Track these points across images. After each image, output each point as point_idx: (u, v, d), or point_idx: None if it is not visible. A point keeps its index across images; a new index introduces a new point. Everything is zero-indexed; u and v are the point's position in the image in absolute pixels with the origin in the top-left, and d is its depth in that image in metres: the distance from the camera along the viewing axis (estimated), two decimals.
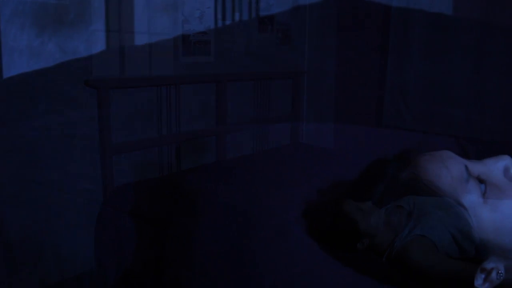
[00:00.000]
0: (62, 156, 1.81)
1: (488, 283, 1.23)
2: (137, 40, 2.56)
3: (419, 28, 2.77)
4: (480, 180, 1.22)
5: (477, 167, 1.24)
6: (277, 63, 2.64)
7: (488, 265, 1.21)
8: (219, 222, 1.30)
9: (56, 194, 1.65)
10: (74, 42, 2.46)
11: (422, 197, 1.35)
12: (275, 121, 2.38)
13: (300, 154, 1.42)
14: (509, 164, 1.25)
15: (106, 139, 1.88)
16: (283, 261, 1.22)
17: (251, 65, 2.47)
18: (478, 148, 1.60)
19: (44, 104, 2.12)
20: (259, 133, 2.41)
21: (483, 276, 1.22)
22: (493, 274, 1.22)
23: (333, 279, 1.20)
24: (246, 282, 1.21)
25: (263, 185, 1.36)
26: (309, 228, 1.27)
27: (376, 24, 2.82)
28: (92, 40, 2.49)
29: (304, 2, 3.00)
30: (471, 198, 1.20)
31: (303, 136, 2.50)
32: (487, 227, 1.20)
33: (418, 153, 1.24)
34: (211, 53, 2.53)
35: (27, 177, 1.71)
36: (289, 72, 2.76)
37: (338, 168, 1.37)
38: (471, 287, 1.21)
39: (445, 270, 1.20)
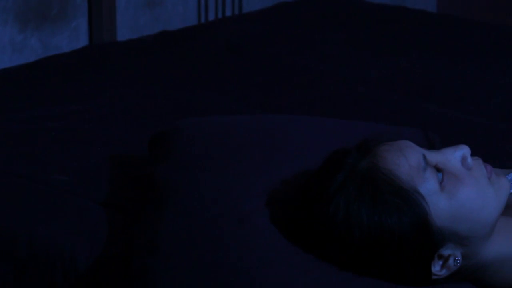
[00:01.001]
0: (41, 148, 1.84)
1: (446, 270, 1.26)
2: (120, 36, 2.60)
3: (403, 24, 2.81)
4: (438, 169, 1.25)
5: (435, 156, 1.26)
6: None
7: (445, 251, 1.24)
8: (184, 212, 1.33)
9: (33, 185, 1.67)
10: (57, 37, 2.49)
11: None
12: None
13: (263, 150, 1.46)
14: (467, 154, 1.27)
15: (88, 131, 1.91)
16: (245, 249, 1.25)
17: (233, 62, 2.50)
18: (445, 140, 1.63)
19: (26, 98, 2.15)
20: None
21: (440, 262, 1.25)
22: (450, 261, 1.25)
23: (294, 265, 1.23)
24: (208, 269, 1.24)
25: (229, 175, 1.38)
26: (273, 218, 1.30)
27: (360, 21, 2.86)
28: (74, 36, 2.53)
29: None
30: (428, 186, 1.22)
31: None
32: (444, 214, 1.23)
33: (378, 143, 1.27)
34: (194, 50, 2.55)
35: (6, 169, 1.74)
36: None
37: (305, 160, 1.39)
38: None
39: None
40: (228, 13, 2.92)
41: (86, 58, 2.38)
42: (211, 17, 2.88)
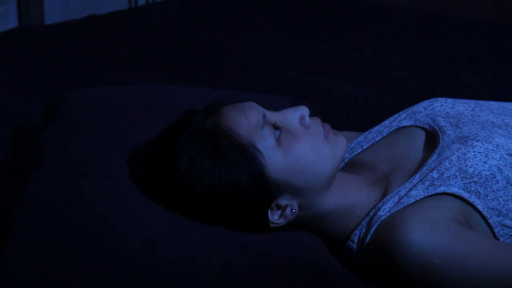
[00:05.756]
0: None
1: (283, 219, 1.37)
2: (49, 20, 2.70)
3: (327, 10, 2.92)
4: (277, 127, 1.37)
5: (275, 116, 1.38)
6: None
7: (282, 202, 1.36)
8: (54, 171, 1.45)
9: None
10: None
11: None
12: None
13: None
14: (305, 113, 1.39)
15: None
16: (103, 200, 1.37)
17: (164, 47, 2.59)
18: (323, 107, 1.75)
19: None
20: None
21: (279, 212, 1.37)
22: (287, 211, 1.37)
23: (145, 214, 1.35)
24: (70, 219, 1.35)
25: (100, 138, 1.50)
26: (131, 173, 1.42)
27: (287, 8, 2.96)
28: (4, 20, 2.63)
29: None
30: (265, 142, 1.34)
31: None
32: (280, 168, 1.34)
33: (225, 104, 1.39)
34: (119, 33, 2.66)
35: None
36: None
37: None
38: None
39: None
40: None
41: (10, 40, 2.49)
42: (141, 2, 2.98)
